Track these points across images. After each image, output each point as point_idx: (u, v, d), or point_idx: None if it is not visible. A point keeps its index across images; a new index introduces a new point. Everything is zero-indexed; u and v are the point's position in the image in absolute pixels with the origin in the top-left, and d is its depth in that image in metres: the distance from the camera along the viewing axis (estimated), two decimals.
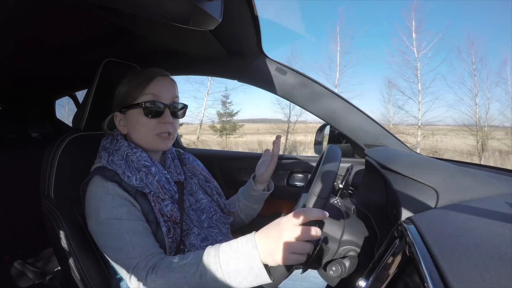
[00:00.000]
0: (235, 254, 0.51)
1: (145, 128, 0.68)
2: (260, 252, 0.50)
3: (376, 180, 0.75)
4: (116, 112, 0.71)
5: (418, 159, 0.74)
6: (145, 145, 0.70)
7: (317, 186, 0.56)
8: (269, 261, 0.50)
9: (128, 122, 0.70)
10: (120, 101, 0.70)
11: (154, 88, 0.68)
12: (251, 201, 0.87)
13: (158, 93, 0.68)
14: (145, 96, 0.67)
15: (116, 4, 0.40)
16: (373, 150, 0.89)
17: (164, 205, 0.66)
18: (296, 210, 0.51)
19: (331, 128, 1.14)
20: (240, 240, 0.53)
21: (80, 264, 0.69)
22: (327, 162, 0.62)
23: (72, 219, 0.70)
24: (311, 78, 1.01)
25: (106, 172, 0.65)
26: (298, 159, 1.26)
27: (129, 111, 0.69)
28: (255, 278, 0.50)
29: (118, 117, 0.71)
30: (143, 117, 0.67)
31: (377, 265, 0.44)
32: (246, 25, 0.80)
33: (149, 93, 0.68)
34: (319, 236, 0.49)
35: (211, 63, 1.09)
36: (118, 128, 0.72)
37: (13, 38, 0.83)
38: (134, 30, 0.86)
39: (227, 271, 0.50)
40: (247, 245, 0.51)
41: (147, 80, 0.68)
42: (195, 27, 0.50)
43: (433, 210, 0.49)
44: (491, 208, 0.45)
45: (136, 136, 0.70)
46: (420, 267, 0.31)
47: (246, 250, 0.51)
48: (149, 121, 0.68)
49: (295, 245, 0.48)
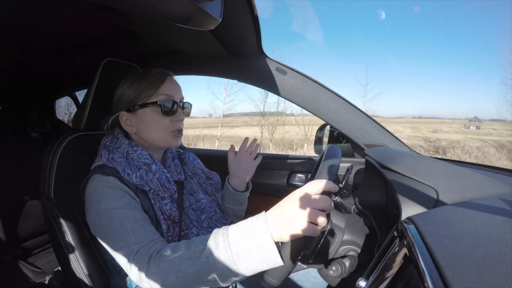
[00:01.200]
0: (244, 231, 0.49)
1: (160, 126, 0.69)
2: (272, 227, 0.47)
3: (376, 180, 0.75)
4: (122, 111, 0.71)
5: (418, 159, 0.74)
6: (158, 142, 0.70)
7: (326, 164, 0.57)
8: (284, 233, 0.47)
9: (139, 121, 0.70)
10: (129, 100, 0.70)
11: (167, 87, 0.70)
12: (231, 203, 0.86)
13: (171, 93, 0.70)
14: (160, 95, 0.69)
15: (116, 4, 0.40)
16: (373, 150, 0.89)
17: (164, 204, 0.66)
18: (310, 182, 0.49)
19: (331, 128, 1.14)
20: (251, 219, 0.50)
21: (80, 264, 0.69)
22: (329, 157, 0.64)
23: (72, 219, 0.70)
24: (311, 78, 1.01)
25: (106, 169, 0.65)
26: (298, 159, 1.26)
27: (141, 110, 0.69)
28: (264, 257, 0.47)
29: (124, 117, 0.70)
30: (158, 116, 0.68)
31: (377, 265, 0.44)
32: (246, 25, 0.80)
33: (163, 93, 0.69)
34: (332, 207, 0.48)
35: (211, 63, 1.09)
36: (125, 128, 0.71)
37: (13, 38, 0.83)
38: (134, 30, 0.86)
39: (236, 250, 0.47)
40: (258, 221, 0.49)
41: (161, 80, 0.69)
42: (195, 27, 0.50)
43: (433, 210, 0.49)
44: (491, 208, 0.45)
45: (149, 134, 0.70)
46: (420, 267, 0.31)
47: (256, 226, 0.48)
48: (164, 119, 0.69)
49: (311, 212, 0.46)
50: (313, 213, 0.46)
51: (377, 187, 0.76)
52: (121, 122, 0.71)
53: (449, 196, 0.52)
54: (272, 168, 1.25)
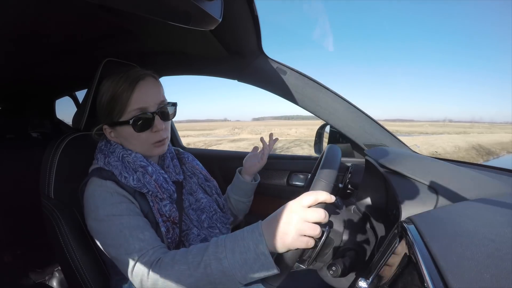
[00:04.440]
0: (241, 243, 0.50)
1: (139, 141, 0.67)
2: (267, 239, 0.48)
3: (376, 180, 0.75)
4: (104, 125, 0.69)
5: (418, 159, 0.74)
6: (142, 153, 0.69)
7: (323, 172, 0.56)
8: (278, 245, 0.48)
9: (119, 135, 0.68)
10: (105, 115, 0.67)
11: (138, 98, 0.64)
12: (241, 194, 0.90)
13: (143, 104, 0.64)
14: (131, 111, 0.64)
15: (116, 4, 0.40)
16: (373, 150, 0.89)
17: (163, 205, 0.66)
18: (304, 193, 0.50)
19: (331, 128, 1.14)
20: (246, 229, 0.52)
21: (80, 264, 0.69)
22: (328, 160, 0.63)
23: (72, 219, 0.70)
24: (311, 78, 1.01)
25: (104, 172, 0.64)
26: (298, 159, 1.26)
27: (118, 126, 0.67)
28: (261, 267, 0.48)
29: (108, 130, 0.69)
30: (134, 133, 0.65)
31: (377, 265, 0.44)
32: (246, 25, 0.80)
33: (135, 106, 0.64)
34: (327, 219, 0.48)
35: (211, 63, 1.09)
36: (111, 139, 0.70)
37: (13, 38, 0.83)
38: (134, 30, 0.86)
39: (232, 260, 0.49)
40: (253, 233, 0.50)
41: (131, 90, 0.63)
42: (195, 27, 0.50)
43: (433, 210, 0.49)
44: (491, 208, 0.45)
45: (131, 147, 0.68)
46: (420, 267, 0.31)
47: (252, 238, 0.49)
48: (141, 134, 0.66)
49: (304, 226, 0.47)
50: (306, 227, 0.47)
51: (377, 187, 0.76)
52: (106, 134, 0.70)
53: (449, 196, 0.52)
54: (272, 168, 1.25)
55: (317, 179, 0.55)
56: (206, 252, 0.51)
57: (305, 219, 0.47)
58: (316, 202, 0.48)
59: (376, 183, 0.76)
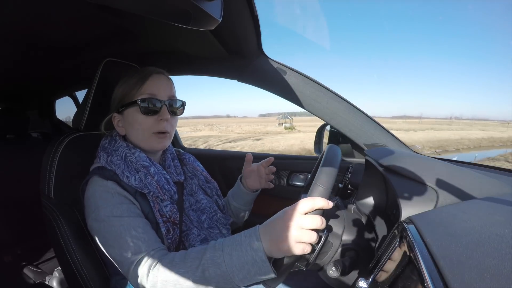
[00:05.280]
0: (239, 247, 0.50)
1: (142, 126, 0.68)
2: (264, 244, 0.49)
3: (376, 180, 0.75)
4: (114, 113, 0.71)
5: (418, 159, 0.74)
6: (142, 144, 0.69)
7: (321, 177, 0.55)
8: (274, 251, 0.49)
9: (125, 122, 0.70)
10: (117, 102, 0.70)
11: (150, 86, 0.68)
12: (241, 203, 0.87)
13: (154, 91, 0.68)
14: (142, 95, 0.67)
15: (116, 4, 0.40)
16: (373, 150, 0.89)
17: (164, 206, 0.66)
18: (301, 200, 0.50)
19: (331, 128, 1.14)
20: (244, 233, 0.52)
21: (80, 264, 0.69)
22: (328, 161, 0.62)
23: (72, 219, 0.70)
24: (311, 78, 1.01)
25: (105, 172, 0.65)
26: (298, 159, 1.26)
27: (126, 110, 0.69)
28: (258, 271, 0.49)
29: (116, 118, 0.71)
30: (140, 115, 0.67)
31: (377, 265, 0.44)
32: (246, 25, 0.80)
33: (145, 91, 0.67)
34: (324, 226, 0.48)
35: (211, 63, 1.09)
36: (117, 129, 0.72)
37: (13, 38, 0.83)
38: (134, 30, 0.86)
39: (230, 265, 0.50)
40: (251, 238, 0.51)
41: (143, 79, 0.68)
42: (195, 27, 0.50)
43: (433, 210, 0.49)
44: (491, 208, 0.45)
45: (133, 135, 0.70)
46: (420, 267, 0.31)
47: (249, 243, 0.50)
48: (146, 119, 0.67)
49: (301, 233, 0.47)
50: (302, 234, 0.47)
51: (377, 187, 0.76)
52: (114, 123, 0.71)
53: (449, 196, 0.52)
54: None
55: (315, 184, 0.55)
56: (204, 256, 0.52)
57: (301, 226, 0.47)
58: (313, 208, 0.48)
59: (376, 183, 0.76)
